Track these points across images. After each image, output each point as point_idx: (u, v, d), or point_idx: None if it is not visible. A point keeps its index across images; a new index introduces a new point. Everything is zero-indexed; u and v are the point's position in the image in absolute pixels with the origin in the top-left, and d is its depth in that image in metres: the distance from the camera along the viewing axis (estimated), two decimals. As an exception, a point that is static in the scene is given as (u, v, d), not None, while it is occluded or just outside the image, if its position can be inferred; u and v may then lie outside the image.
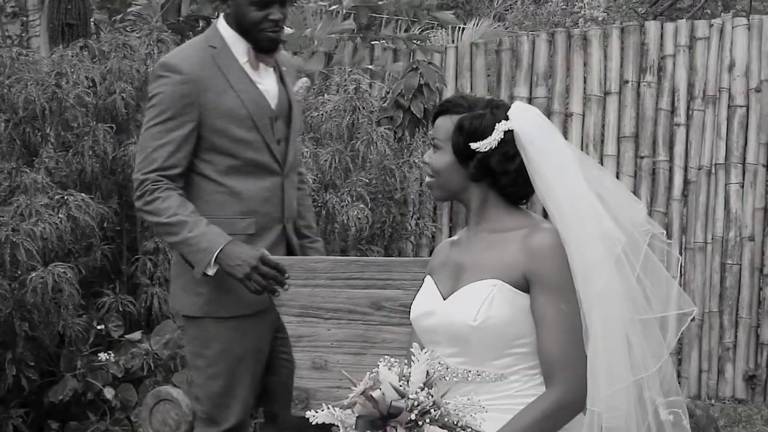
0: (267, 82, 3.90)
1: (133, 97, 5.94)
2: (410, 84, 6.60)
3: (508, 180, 3.07)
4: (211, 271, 3.72)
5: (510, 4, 14.29)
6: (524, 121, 3.08)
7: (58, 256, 5.62)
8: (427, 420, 2.86)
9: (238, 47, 3.85)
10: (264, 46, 3.85)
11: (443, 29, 9.18)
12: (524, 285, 3.01)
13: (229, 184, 3.82)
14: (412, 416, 2.86)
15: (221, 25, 3.88)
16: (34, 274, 5.37)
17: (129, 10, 7.22)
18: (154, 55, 5.98)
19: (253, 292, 3.70)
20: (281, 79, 3.95)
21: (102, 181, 5.96)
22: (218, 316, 3.84)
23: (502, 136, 3.06)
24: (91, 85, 5.91)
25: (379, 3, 7.18)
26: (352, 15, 7.36)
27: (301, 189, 4.12)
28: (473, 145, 3.07)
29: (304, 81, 3.97)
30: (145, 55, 5.99)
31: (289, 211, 3.94)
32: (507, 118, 3.08)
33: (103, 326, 5.84)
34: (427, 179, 3.21)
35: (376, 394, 2.89)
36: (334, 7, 7.27)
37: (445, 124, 3.13)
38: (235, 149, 3.81)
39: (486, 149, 3.06)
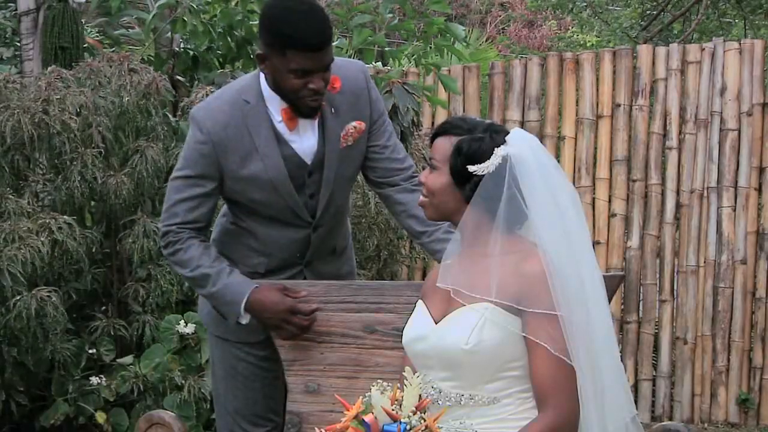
0: (305, 138, 3.69)
1: (110, 130, 5.93)
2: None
3: (503, 204, 3.07)
4: (244, 321, 3.67)
5: (503, 27, 14.33)
6: (522, 147, 3.09)
7: (48, 281, 5.61)
8: (419, 443, 2.86)
9: (275, 104, 3.66)
10: (303, 112, 3.64)
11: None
12: (516, 309, 3.01)
13: (250, 225, 3.77)
14: (404, 440, 2.86)
15: (262, 77, 3.67)
16: (18, 298, 5.35)
17: (124, 18, 7.20)
18: (127, 87, 5.96)
19: (285, 339, 3.68)
20: (323, 127, 3.71)
21: (92, 206, 5.95)
22: (221, 336, 3.88)
23: (500, 161, 3.06)
24: (77, 111, 5.90)
25: (386, 49, 7.18)
26: (355, 55, 7.34)
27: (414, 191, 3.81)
28: (471, 168, 3.07)
29: (354, 125, 3.75)
30: (118, 86, 5.98)
31: (316, 255, 3.82)
32: (506, 143, 3.09)
33: (94, 350, 5.82)
34: (421, 198, 3.21)
35: (368, 418, 2.88)
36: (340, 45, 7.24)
37: (444, 145, 3.13)
38: (254, 207, 3.73)
39: (483, 172, 3.07)
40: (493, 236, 3.09)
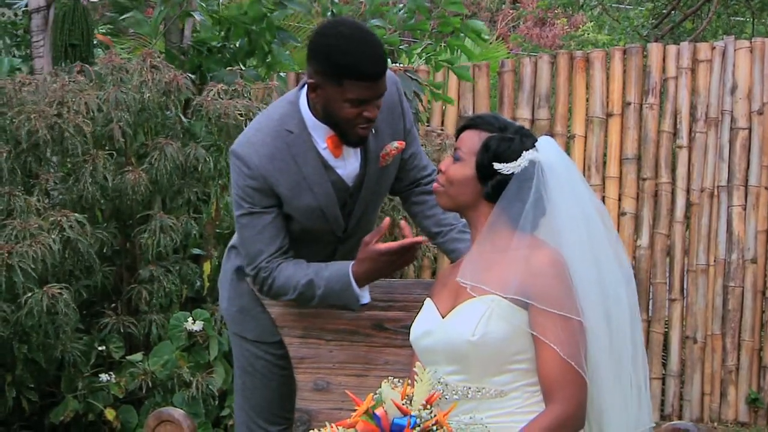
0: (349, 162, 3.63)
1: (131, 125, 5.94)
2: None
3: (520, 206, 3.10)
4: (365, 299, 3.57)
5: (513, 26, 14.33)
6: (551, 154, 3.14)
7: (59, 279, 5.61)
8: (429, 438, 2.87)
9: (319, 132, 3.56)
10: (352, 141, 3.54)
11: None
12: (523, 302, 3.04)
13: None
14: (415, 432, 2.87)
15: (302, 104, 3.57)
16: (29, 295, 5.35)
17: (125, 16, 7.20)
18: (148, 83, 5.97)
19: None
20: (365, 149, 3.62)
21: (103, 204, 5.96)
22: (240, 334, 3.88)
23: (527, 164, 3.11)
24: (89, 112, 5.90)
25: (401, 48, 7.18)
26: None
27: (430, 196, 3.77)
28: (497, 166, 3.12)
29: (395, 145, 3.65)
30: (140, 83, 5.98)
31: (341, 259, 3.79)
32: (536, 149, 3.13)
33: (104, 347, 5.83)
34: (436, 184, 3.24)
35: (378, 411, 2.89)
36: None
37: (472, 138, 3.18)
38: (297, 233, 3.66)
39: (509, 172, 3.11)
40: (505, 234, 3.12)
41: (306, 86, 3.56)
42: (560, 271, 3.03)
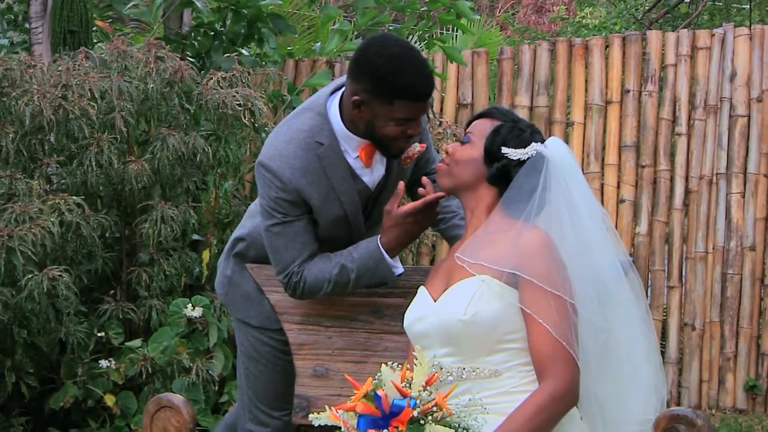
0: (375, 170, 3.66)
1: (133, 115, 5.93)
2: None
3: (517, 195, 3.15)
4: (399, 270, 3.59)
5: (512, 13, 14.31)
6: (560, 151, 3.21)
7: (60, 263, 5.61)
8: (429, 419, 2.88)
9: (351, 142, 3.58)
10: (392, 153, 3.59)
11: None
12: (513, 281, 3.08)
13: None
14: (415, 414, 2.88)
15: (333, 115, 3.59)
16: (29, 277, 5.35)
17: (127, 7, 7.19)
18: (152, 73, 5.96)
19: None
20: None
21: (103, 190, 5.96)
22: (243, 320, 3.89)
23: (533, 155, 3.18)
24: (93, 97, 5.89)
25: (391, 27, 7.19)
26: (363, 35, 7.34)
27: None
28: (504, 150, 3.19)
29: (418, 148, 3.63)
30: (144, 73, 5.97)
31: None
32: (545, 145, 3.20)
33: (103, 333, 5.83)
34: (440, 164, 3.31)
35: (379, 392, 2.91)
36: (344, 27, 7.24)
37: (485, 125, 3.26)
38: (321, 240, 3.67)
39: (515, 158, 3.18)
40: (499, 219, 3.18)
41: (334, 96, 3.58)
42: (550, 251, 3.08)
